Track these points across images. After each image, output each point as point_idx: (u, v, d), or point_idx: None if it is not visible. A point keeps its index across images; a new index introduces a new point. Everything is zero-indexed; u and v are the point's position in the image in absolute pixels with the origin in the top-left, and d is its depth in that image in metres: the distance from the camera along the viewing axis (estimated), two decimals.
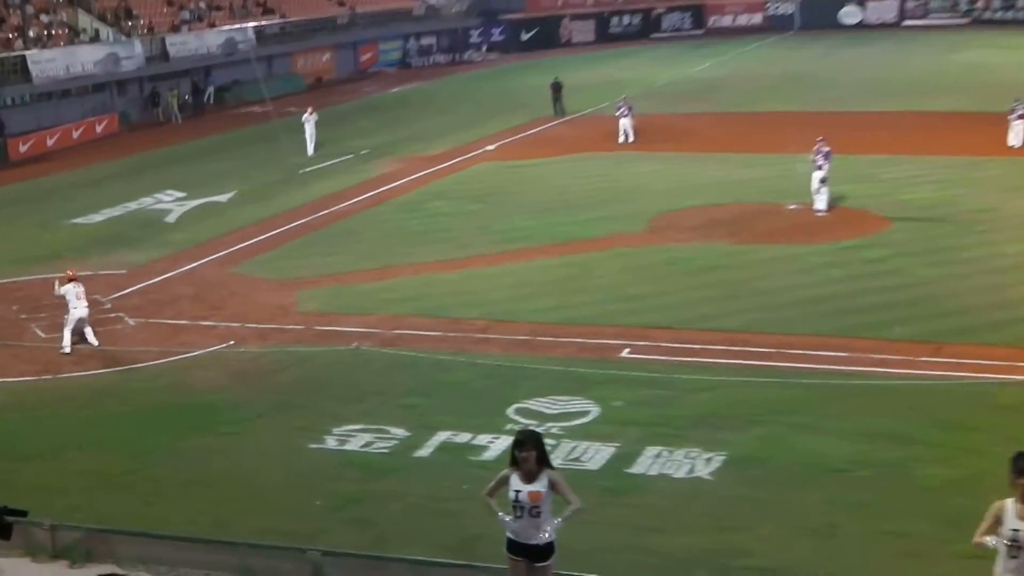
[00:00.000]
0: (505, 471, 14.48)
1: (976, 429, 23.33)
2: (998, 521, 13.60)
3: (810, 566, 18.04)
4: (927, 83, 71.58)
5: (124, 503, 21.06)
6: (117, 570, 17.14)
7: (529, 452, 14.27)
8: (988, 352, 27.88)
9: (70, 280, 30.68)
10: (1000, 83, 63.14)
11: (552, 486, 14.30)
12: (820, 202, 41.10)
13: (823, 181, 41.13)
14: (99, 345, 30.30)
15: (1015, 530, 13.36)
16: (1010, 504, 13.58)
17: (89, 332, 30.44)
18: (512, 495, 14.25)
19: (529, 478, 14.21)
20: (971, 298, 31.97)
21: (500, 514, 14.44)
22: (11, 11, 66.12)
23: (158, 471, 22.88)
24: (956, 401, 24.85)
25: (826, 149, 41.45)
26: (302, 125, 55.08)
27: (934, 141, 53.14)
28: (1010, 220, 39.51)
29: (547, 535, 14.30)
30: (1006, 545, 13.54)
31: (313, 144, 54.65)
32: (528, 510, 14.24)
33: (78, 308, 30.23)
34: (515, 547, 14.53)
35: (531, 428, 18.69)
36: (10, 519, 14.23)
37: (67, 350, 30.04)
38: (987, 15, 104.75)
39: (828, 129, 48.22)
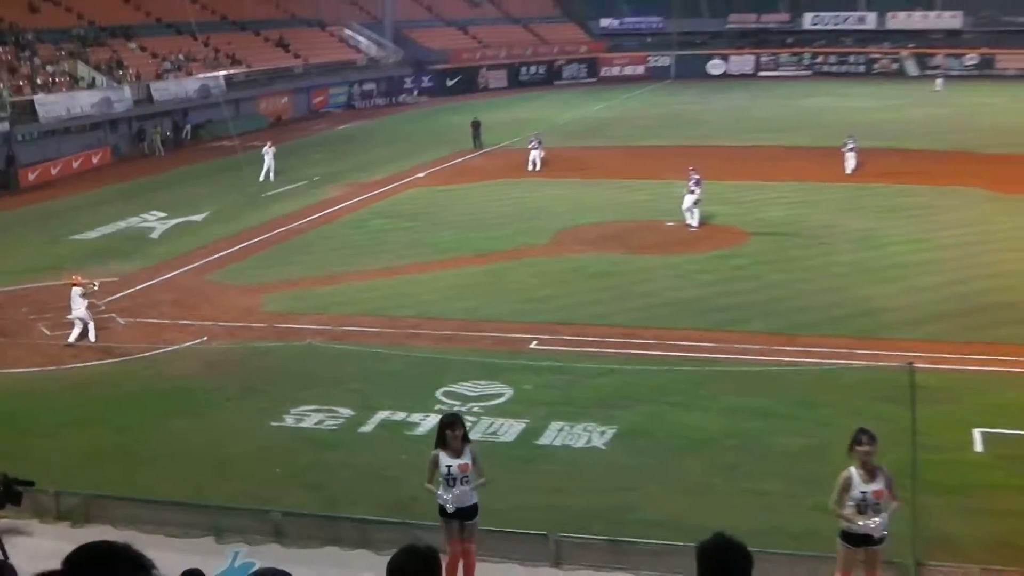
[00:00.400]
0: (433, 454, 15.08)
1: (823, 405, 23.46)
2: (847, 487, 13.82)
3: (687, 519, 17.94)
4: (778, 122, 72.04)
5: (116, 472, 20.83)
6: (110, 530, 16.91)
7: (459, 430, 14.99)
8: (831, 341, 28.10)
9: (75, 284, 30.34)
10: (836, 123, 63.62)
11: (473, 459, 14.96)
12: (693, 220, 41.21)
13: (696, 203, 41.27)
14: (95, 340, 29.89)
15: (863, 492, 13.69)
16: (854, 472, 13.84)
17: (91, 328, 30.03)
18: (445, 470, 14.90)
19: (456, 454, 14.87)
20: (816, 298, 32.17)
21: (439, 493, 14.91)
22: (22, 62, 65.59)
23: (144, 445, 22.63)
24: (806, 382, 24.97)
25: (697, 176, 41.63)
26: (262, 157, 54.69)
27: (784, 170, 53.44)
28: (846, 235, 39.78)
29: (474, 497, 14.97)
30: (856, 505, 13.80)
31: (272, 172, 54.17)
32: (460, 479, 14.85)
33: (79, 308, 29.93)
34: (450, 512, 14.99)
35: (456, 411, 18.64)
36: (20, 488, 14.04)
37: (72, 340, 29.60)
38: (825, 68, 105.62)
39: (698, 160, 48.37)
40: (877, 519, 13.88)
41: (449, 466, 14.87)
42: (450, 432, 14.99)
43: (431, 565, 5.91)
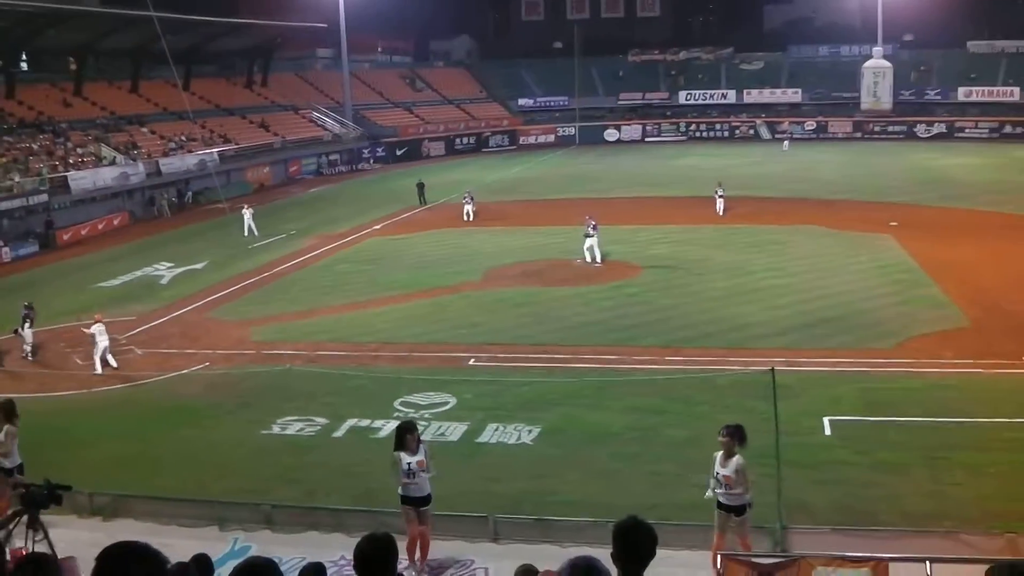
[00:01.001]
0: (395, 455, 15.20)
1: (703, 403, 23.60)
2: (712, 465, 14.27)
3: (599, 498, 17.99)
4: (661, 178, 72.48)
5: (137, 475, 20.53)
6: (134, 523, 16.64)
7: (416, 433, 15.34)
8: (708, 352, 28.26)
9: (97, 322, 30.17)
10: (707, 177, 64.03)
11: (427, 455, 15.17)
12: (594, 257, 41.27)
13: (595, 244, 41.36)
14: (117, 367, 29.61)
15: (718, 472, 13.92)
16: (718, 455, 14.12)
17: (110, 357, 29.76)
18: (405, 466, 15.09)
19: (414, 453, 15.06)
20: (696, 317, 32.31)
21: (401, 486, 15.17)
22: (58, 146, 65.27)
23: (158, 452, 22.32)
24: (689, 385, 25.06)
25: (593, 222, 41.75)
26: (242, 217, 54.34)
27: (667, 215, 53.67)
28: (719, 265, 40.01)
29: (428, 488, 15.21)
30: (714, 479, 14.14)
31: (253, 228, 53.65)
32: (417, 473, 15.02)
33: (103, 341, 29.67)
34: (409, 500, 15.14)
35: (411, 419, 18.54)
36: (60, 491, 13.82)
37: (99, 371, 29.37)
38: (698, 134, 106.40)
39: (598, 208, 48.56)
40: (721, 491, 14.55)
41: (409, 463, 15.01)
42: (410, 436, 15.19)
43: (388, 547, 6.03)
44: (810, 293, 34.91)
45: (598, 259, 41.27)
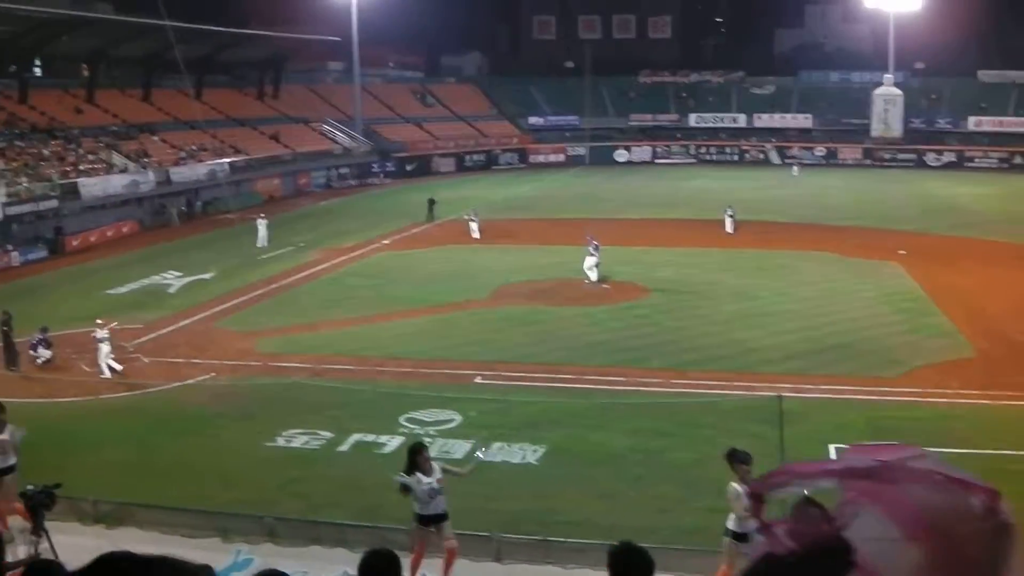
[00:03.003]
0: (409, 481, 14.99)
1: (707, 426, 23.55)
2: (737, 497, 13.75)
3: (602, 519, 17.99)
4: (669, 199, 72.49)
5: (141, 483, 20.55)
6: (137, 532, 16.64)
7: (427, 452, 15.39)
8: (714, 376, 28.28)
9: (101, 326, 30.48)
10: (715, 199, 64.09)
11: (444, 471, 15.23)
12: (593, 276, 41.27)
13: (596, 264, 41.37)
14: (121, 371, 29.77)
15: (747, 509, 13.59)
16: (738, 486, 13.68)
17: (113, 362, 29.95)
18: (426, 487, 14.88)
19: (430, 472, 14.94)
20: (703, 340, 32.31)
21: (419, 506, 15.05)
22: (69, 152, 65.57)
23: (164, 460, 22.35)
24: (694, 408, 25.05)
25: (595, 242, 41.81)
26: (256, 227, 54.46)
27: (675, 237, 53.71)
28: (726, 289, 40.05)
29: (444, 505, 15.09)
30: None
31: (266, 239, 53.89)
32: (439, 491, 14.99)
33: (105, 345, 29.97)
34: (427, 519, 15.09)
35: (419, 439, 18.45)
36: (54, 490, 13.94)
37: (106, 375, 29.60)
38: (707, 156, 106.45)
39: (605, 229, 48.67)
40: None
41: (430, 483, 14.88)
42: (421, 456, 15.05)
43: (392, 563, 6.02)
44: (817, 319, 34.90)
45: (594, 278, 41.28)
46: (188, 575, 3.61)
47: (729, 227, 55.07)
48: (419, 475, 14.95)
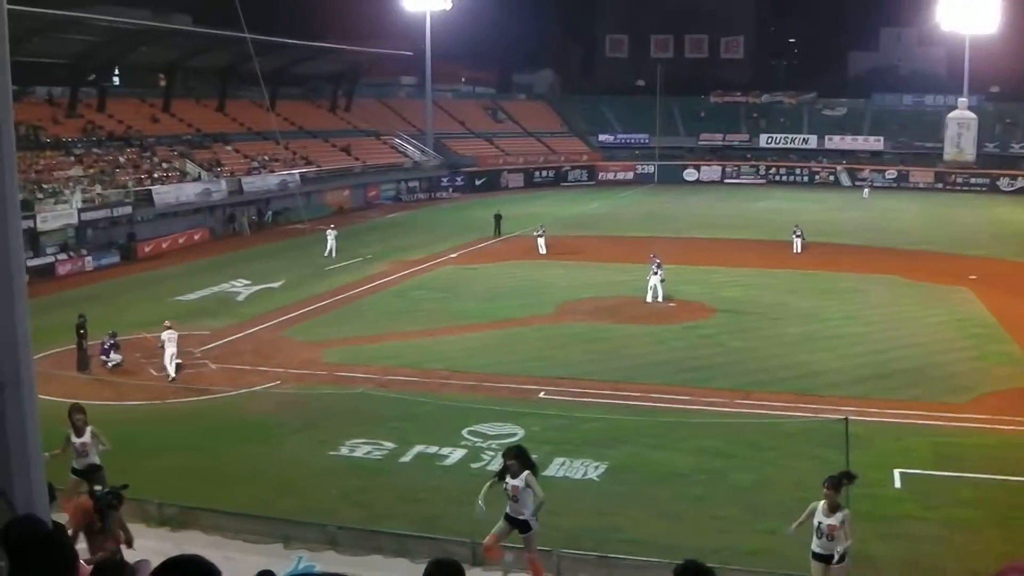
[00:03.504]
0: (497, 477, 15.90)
1: (770, 448, 23.40)
2: (812, 514, 14.14)
3: (663, 538, 17.91)
4: (737, 219, 72.07)
5: (205, 488, 20.79)
6: (200, 535, 16.83)
7: (511, 461, 15.73)
8: (778, 397, 28.08)
9: (167, 328, 30.97)
10: (784, 221, 63.62)
11: (526, 484, 15.58)
12: (658, 295, 41.13)
13: (662, 281, 41.23)
14: (176, 376, 30.37)
15: (821, 522, 13.88)
16: (821, 504, 14.04)
17: (174, 364, 30.58)
18: (505, 487, 15.67)
19: (513, 477, 15.57)
20: (767, 362, 32.09)
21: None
22: (144, 160, 66.62)
23: (228, 467, 22.63)
24: (757, 429, 24.87)
25: (658, 260, 41.71)
26: (326, 237, 54.96)
27: (742, 258, 53.34)
28: (793, 311, 39.72)
29: (525, 515, 15.56)
30: (821, 531, 14.08)
31: (334, 251, 54.38)
32: (511, 497, 15.55)
33: (171, 347, 30.55)
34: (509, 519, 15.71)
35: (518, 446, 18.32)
36: (121, 491, 14.17)
37: (173, 376, 30.23)
38: (777, 177, 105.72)
39: (673, 249, 48.58)
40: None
41: (507, 486, 15.48)
42: (507, 461, 15.72)
43: (457, 573, 5.98)
44: (885, 343, 34.51)
45: (660, 298, 41.13)
46: None
47: (797, 247, 54.84)
48: (507, 475, 15.55)
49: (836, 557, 14.30)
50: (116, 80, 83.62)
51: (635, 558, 16.33)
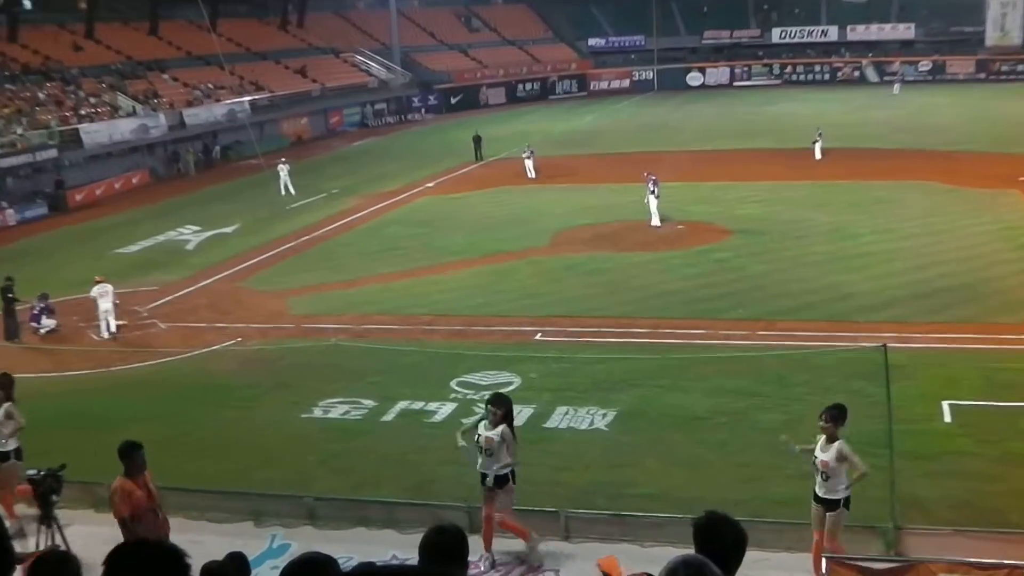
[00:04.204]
0: (477, 418, 16.00)
1: (798, 384, 23.46)
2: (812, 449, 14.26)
3: (681, 491, 17.95)
4: (750, 127, 71.88)
5: (167, 462, 20.60)
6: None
7: (499, 409, 15.42)
8: (805, 326, 28.09)
9: (97, 283, 31.33)
10: (802, 126, 63.48)
11: (502, 438, 15.37)
12: (655, 220, 41.15)
13: (655, 204, 41.16)
14: (116, 332, 30.89)
15: (816, 457, 14.26)
16: (820, 439, 14.07)
17: (112, 322, 30.97)
18: (475, 437, 15.59)
19: (491, 427, 15.35)
20: (792, 287, 32.09)
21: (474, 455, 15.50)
22: (68, 95, 66.05)
23: (186, 438, 22.56)
24: (783, 363, 24.87)
25: (653, 178, 41.58)
26: (277, 173, 54.69)
27: (757, 170, 53.25)
28: (817, 228, 39.70)
29: (499, 470, 15.42)
30: (815, 467, 14.28)
31: (290, 187, 54.06)
32: (484, 450, 15.36)
33: (104, 303, 31.03)
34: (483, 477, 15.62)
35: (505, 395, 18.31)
36: (59, 473, 14.23)
37: (105, 336, 30.71)
38: (794, 77, 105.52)
39: (677, 163, 48.44)
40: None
41: (478, 436, 15.34)
42: (490, 407, 15.44)
43: (459, 541, 5.97)
44: (924, 259, 34.53)
45: (656, 220, 41.15)
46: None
47: (817, 153, 55.01)
48: (483, 423, 15.44)
49: (835, 501, 14.32)
50: (27, 3, 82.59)
51: (652, 515, 16.39)
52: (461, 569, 5.99)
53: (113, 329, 30.92)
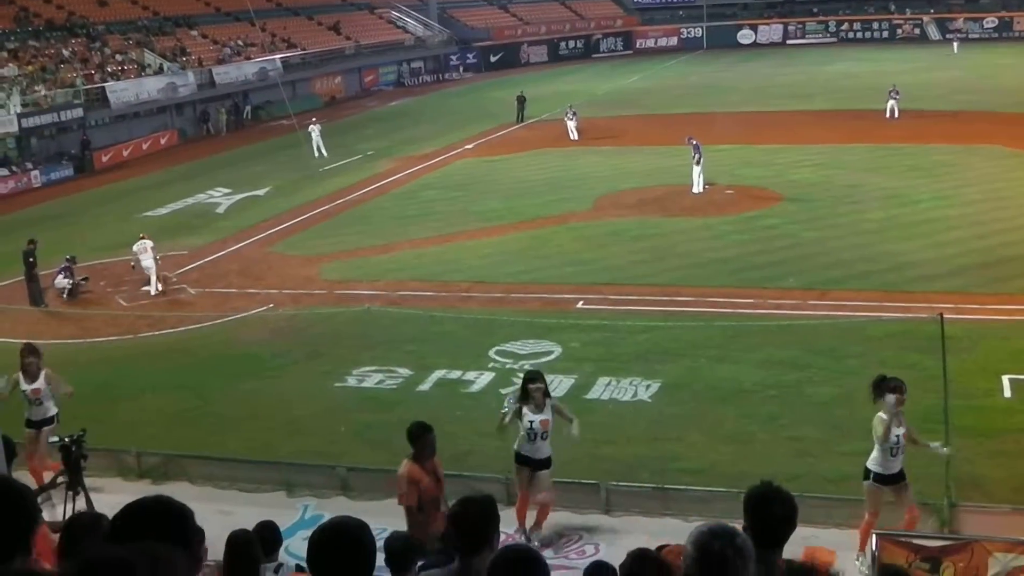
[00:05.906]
0: (516, 406, 15.50)
1: (852, 356, 23.42)
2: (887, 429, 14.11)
3: (728, 466, 18.00)
4: (805, 88, 71.45)
5: (192, 433, 21.04)
6: (188, 487, 17.05)
7: (541, 384, 15.40)
8: (859, 296, 28.03)
9: (141, 239, 32.12)
10: (860, 87, 63.18)
11: (556, 412, 15.45)
12: (696, 185, 41.02)
13: (698, 169, 41.00)
14: (161, 290, 31.68)
15: (897, 435, 13.84)
16: (889, 416, 14.00)
17: (154, 280, 31.72)
18: (528, 424, 15.28)
19: (539, 409, 15.24)
20: (845, 254, 32.00)
21: (518, 444, 15.63)
22: (93, 52, 66.25)
23: (217, 407, 22.87)
24: (836, 334, 24.84)
25: (695, 142, 41.38)
26: (308, 134, 54.83)
27: (812, 133, 53.00)
28: (872, 193, 39.51)
29: (548, 450, 15.52)
30: (900, 446, 14.08)
31: (322, 148, 54.17)
32: (540, 435, 15.33)
33: (146, 260, 31.79)
34: (526, 460, 15.55)
35: (538, 369, 18.38)
36: (81, 438, 14.46)
37: (153, 292, 31.60)
38: (850, 35, 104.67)
39: (727, 125, 48.24)
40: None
41: (532, 421, 15.24)
42: (532, 386, 15.32)
43: (488, 511, 6.06)
44: (987, 227, 34.30)
45: (698, 187, 41.00)
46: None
47: (894, 112, 55.73)
48: (525, 408, 15.30)
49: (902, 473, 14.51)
50: None
51: (697, 488, 16.49)
52: (483, 541, 6.03)
53: (158, 288, 31.54)
